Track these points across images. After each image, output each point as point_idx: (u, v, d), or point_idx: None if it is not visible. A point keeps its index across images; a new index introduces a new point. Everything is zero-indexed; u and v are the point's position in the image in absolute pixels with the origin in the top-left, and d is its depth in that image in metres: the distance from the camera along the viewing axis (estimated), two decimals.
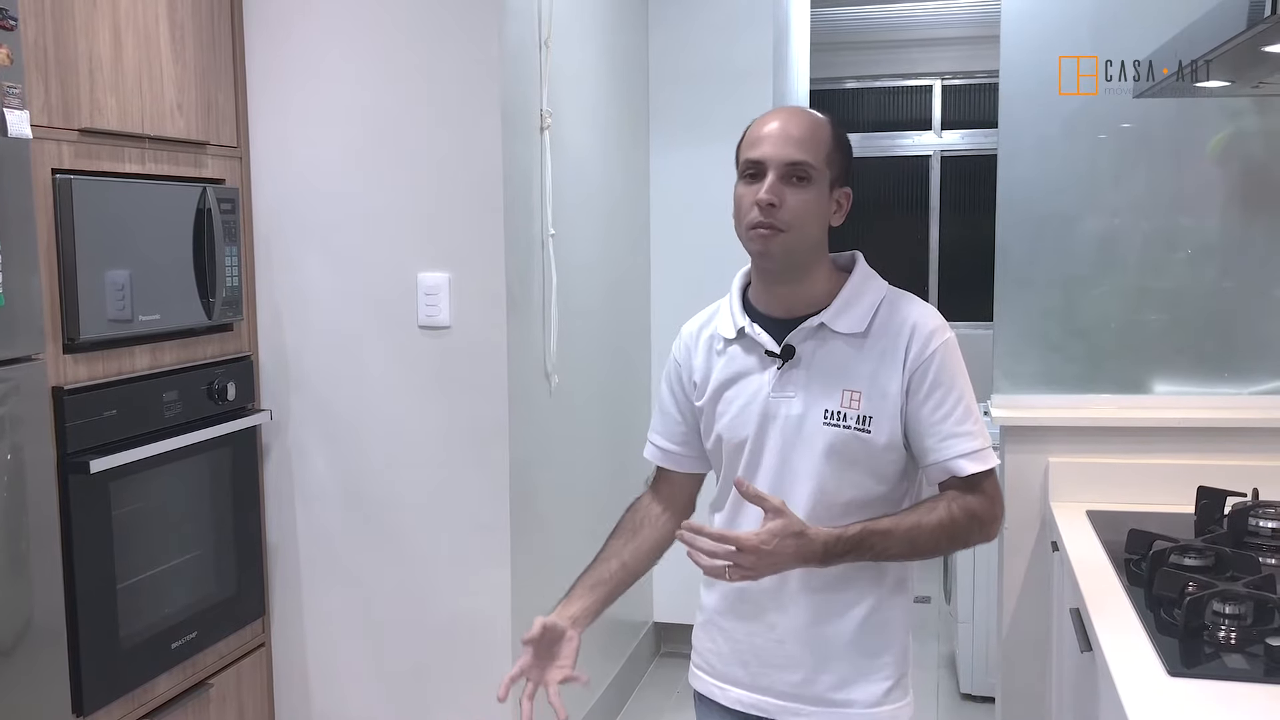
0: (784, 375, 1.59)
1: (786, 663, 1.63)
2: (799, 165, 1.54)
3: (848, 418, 1.56)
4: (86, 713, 2.15)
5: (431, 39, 2.54)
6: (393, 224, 2.61)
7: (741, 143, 1.61)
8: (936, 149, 5.88)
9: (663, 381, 1.78)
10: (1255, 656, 1.57)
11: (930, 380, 1.56)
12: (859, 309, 1.59)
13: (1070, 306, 2.65)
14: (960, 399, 1.57)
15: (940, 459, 1.56)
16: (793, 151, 1.54)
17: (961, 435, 1.56)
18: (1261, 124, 2.52)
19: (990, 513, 1.58)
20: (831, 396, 1.56)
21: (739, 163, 1.60)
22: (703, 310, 1.75)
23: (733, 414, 1.63)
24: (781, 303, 1.62)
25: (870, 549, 1.52)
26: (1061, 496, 2.48)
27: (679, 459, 1.77)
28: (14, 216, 1.91)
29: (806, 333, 1.59)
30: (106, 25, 2.20)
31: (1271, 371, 2.57)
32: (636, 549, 1.73)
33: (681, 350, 1.73)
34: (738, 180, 1.59)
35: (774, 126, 1.57)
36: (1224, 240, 2.58)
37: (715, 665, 1.71)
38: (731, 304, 1.67)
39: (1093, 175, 2.62)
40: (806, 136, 1.56)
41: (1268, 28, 1.60)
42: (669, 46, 3.77)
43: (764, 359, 1.61)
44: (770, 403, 1.59)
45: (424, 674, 2.70)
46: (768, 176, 1.54)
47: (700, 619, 1.75)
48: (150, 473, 2.32)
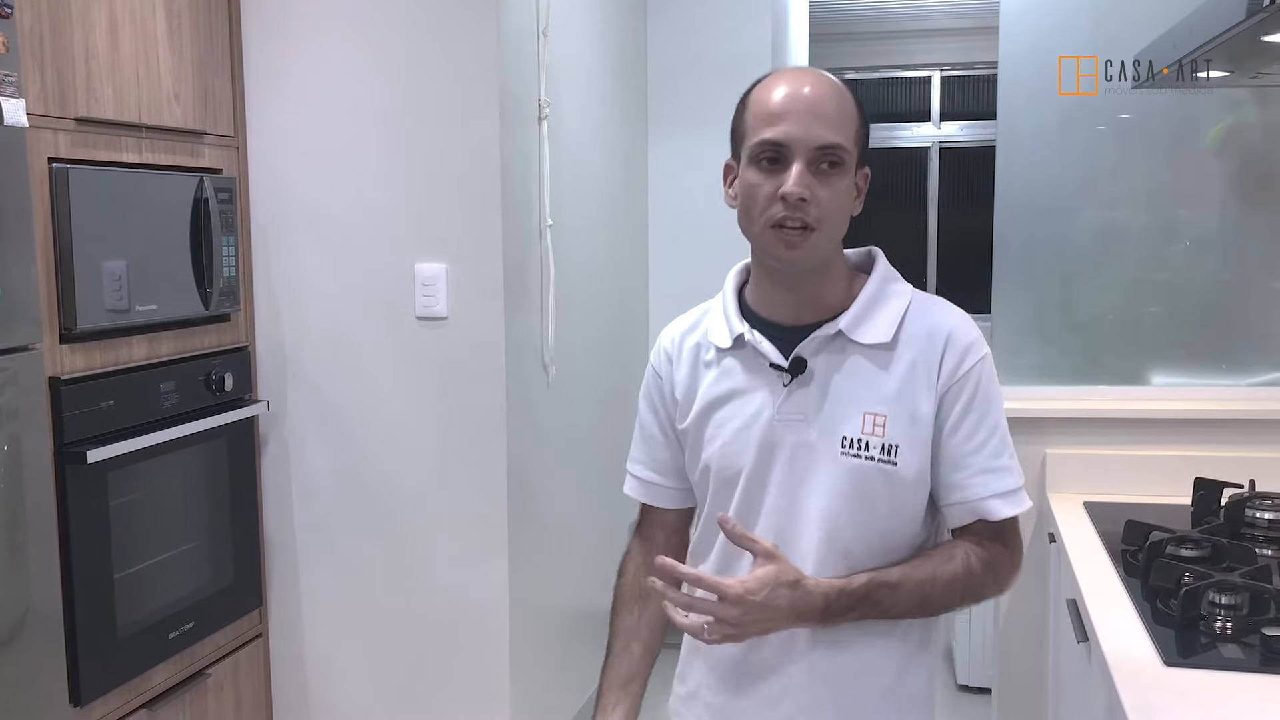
0: (792, 394, 1.32)
1: None
2: (831, 149, 1.26)
3: (870, 446, 1.29)
4: (84, 702, 2.15)
5: (429, 28, 2.54)
6: (390, 214, 2.60)
7: (746, 114, 1.31)
8: (935, 140, 5.88)
9: (641, 400, 1.48)
10: (1251, 647, 1.57)
11: (964, 402, 1.30)
12: (883, 315, 1.32)
13: (1068, 298, 2.65)
14: (996, 427, 1.32)
15: (969, 498, 1.31)
16: (825, 132, 1.25)
17: (997, 471, 1.31)
18: (1260, 115, 2.52)
19: (1011, 565, 1.34)
20: (850, 421, 1.30)
21: (745, 141, 1.30)
22: (687, 313, 1.47)
23: (725, 439, 1.35)
24: (789, 307, 1.35)
25: (877, 604, 1.27)
26: (1059, 488, 2.48)
27: (668, 494, 1.48)
28: (10, 206, 1.91)
29: (820, 343, 1.32)
30: (103, 13, 2.19)
31: (1269, 363, 2.57)
32: (651, 621, 1.46)
33: (661, 361, 1.45)
34: (745, 164, 1.29)
35: (796, 97, 1.27)
36: (1222, 232, 2.58)
37: None
38: (726, 307, 1.39)
39: (1091, 167, 2.62)
40: (835, 111, 1.27)
41: (1267, 17, 1.59)
42: (668, 37, 3.76)
43: (768, 374, 1.33)
44: (774, 427, 1.32)
45: (421, 664, 2.70)
46: (794, 164, 1.25)
47: (680, 692, 1.46)
48: (147, 463, 2.32)
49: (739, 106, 1.33)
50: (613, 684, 1.44)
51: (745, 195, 1.29)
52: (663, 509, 1.50)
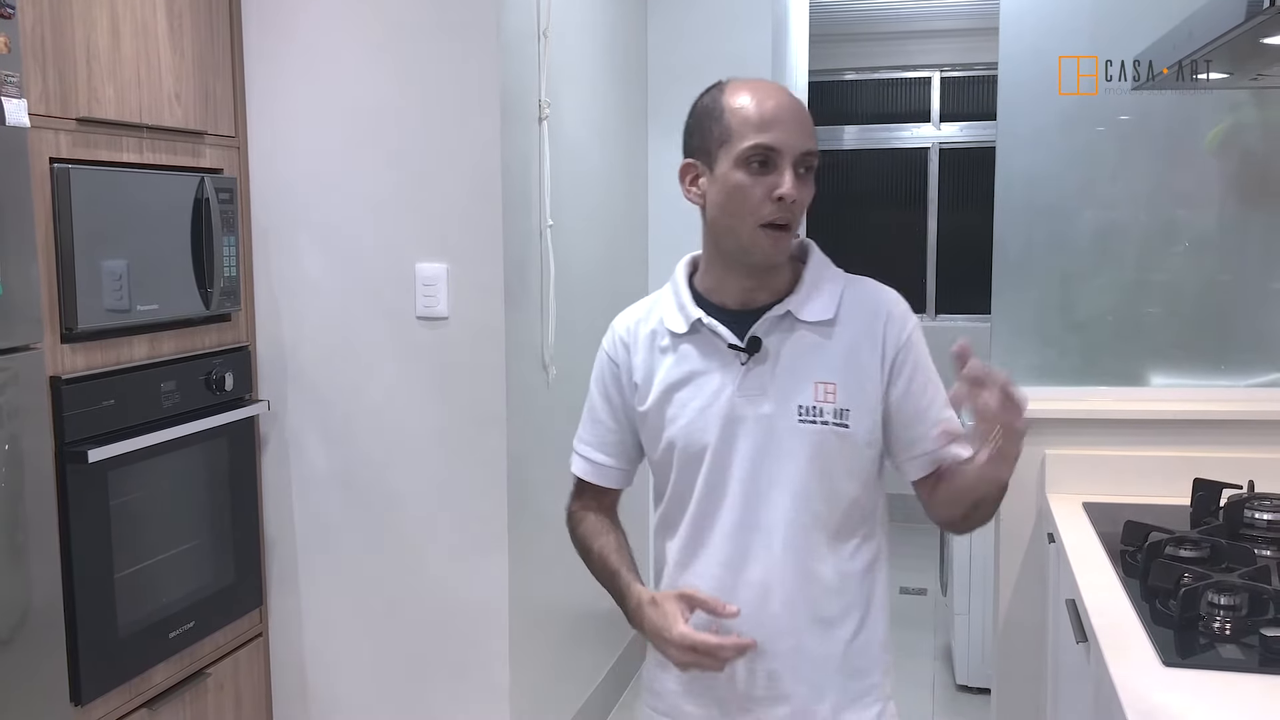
0: (750, 371, 1.44)
1: (772, 696, 1.47)
2: (812, 155, 1.40)
3: (824, 412, 1.42)
4: (84, 701, 2.15)
5: (430, 28, 2.54)
6: (391, 214, 2.61)
7: (727, 118, 1.40)
8: (935, 141, 5.88)
9: (592, 384, 1.60)
10: (1250, 647, 1.58)
11: (910, 365, 1.45)
12: (824, 294, 1.46)
13: (1068, 299, 2.66)
14: (939, 384, 1.48)
15: (930, 449, 1.46)
16: (808, 140, 1.40)
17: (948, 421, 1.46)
18: (1259, 116, 2.52)
19: None
20: (803, 391, 1.43)
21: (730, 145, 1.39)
22: (637, 303, 1.58)
23: (689, 418, 1.47)
24: (743, 294, 1.47)
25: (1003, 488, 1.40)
26: (1058, 488, 2.48)
27: (611, 473, 1.61)
28: (12, 206, 1.91)
29: (771, 323, 1.45)
30: (104, 14, 2.19)
31: (1268, 364, 2.58)
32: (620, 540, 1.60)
33: (617, 348, 1.56)
34: (731, 167, 1.39)
35: (784, 106, 1.40)
36: (1221, 233, 2.58)
37: (681, 708, 1.53)
38: (679, 295, 1.51)
39: (1090, 168, 2.62)
40: (809, 121, 1.42)
41: (1267, 19, 1.60)
42: (668, 37, 3.77)
43: (724, 354, 1.45)
44: (736, 403, 1.44)
45: (421, 663, 2.70)
46: (786, 168, 1.38)
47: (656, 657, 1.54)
48: (148, 462, 2.32)
49: (706, 112, 1.45)
50: (621, 565, 1.55)
51: (730, 194, 1.40)
52: (605, 487, 1.62)
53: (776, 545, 1.45)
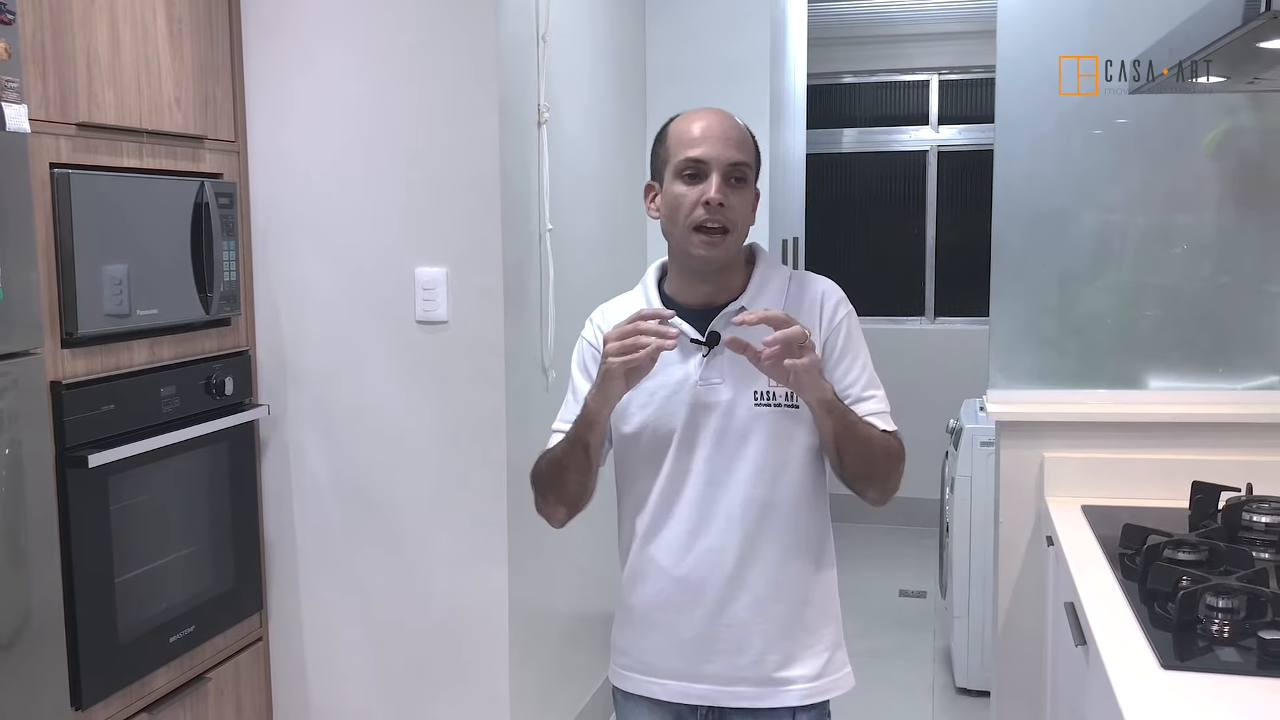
0: (710, 362, 1.63)
1: (732, 647, 1.65)
2: (740, 165, 1.60)
3: (776, 396, 1.61)
4: (85, 706, 2.15)
5: (429, 33, 2.54)
6: (390, 219, 2.61)
7: (668, 141, 1.63)
8: (933, 144, 5.88)
9: (575, 369, 1.77)
10: (1248, 650, 1.58)
11: (840, 345, 1.65)
12: (772, 290, 1.66)
13: (1066, 302, 2.66)
14: (866, 366, 1.67)
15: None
16: (734, 152, 1.60)
17: (872, 398, 1.65)
18: (1257, 120, 2.52)
19: (901, 457, 1.65)
20: (759, 378, 1.59)
21: (669, 162, 1.61)
22: (613, 300, 1.78)
23: (656, 405, 1.65)
24: (703, 295, 1.66)
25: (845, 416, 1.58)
26: (1057, 491, 2.48)
27: None
28: (12, 211, 1.92)
29: (728, 318, 1.62)
30: (104, 19, 2.20)
31: (1266, 367, 2.58)
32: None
33: (596, 335, 1.72)
34: (669, 180, 1.61)
35: (711, 126, 1.61)
36: (1219, 236, 2.58)
37: (651, 662, 1.70)
38: (648, 295, 1.72)
39: (1089, 171, 2.62)
40: (741, 138, 1.62)
41: (1263, 23, 1.60)
42: (667, 41, 3.77)
43: (688, 348, 1.64)
44: (699, 391, 1.63)
45: (421, 668, 2.70)
46: (712, 176, 1.58)
47: (626, 619, 1.74)
48: (148, 467, 2.32)
49: (658, 138, 1.67)
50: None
51: (670, 204, 1.62)
52: None
53: (736, 513, 1.63)
